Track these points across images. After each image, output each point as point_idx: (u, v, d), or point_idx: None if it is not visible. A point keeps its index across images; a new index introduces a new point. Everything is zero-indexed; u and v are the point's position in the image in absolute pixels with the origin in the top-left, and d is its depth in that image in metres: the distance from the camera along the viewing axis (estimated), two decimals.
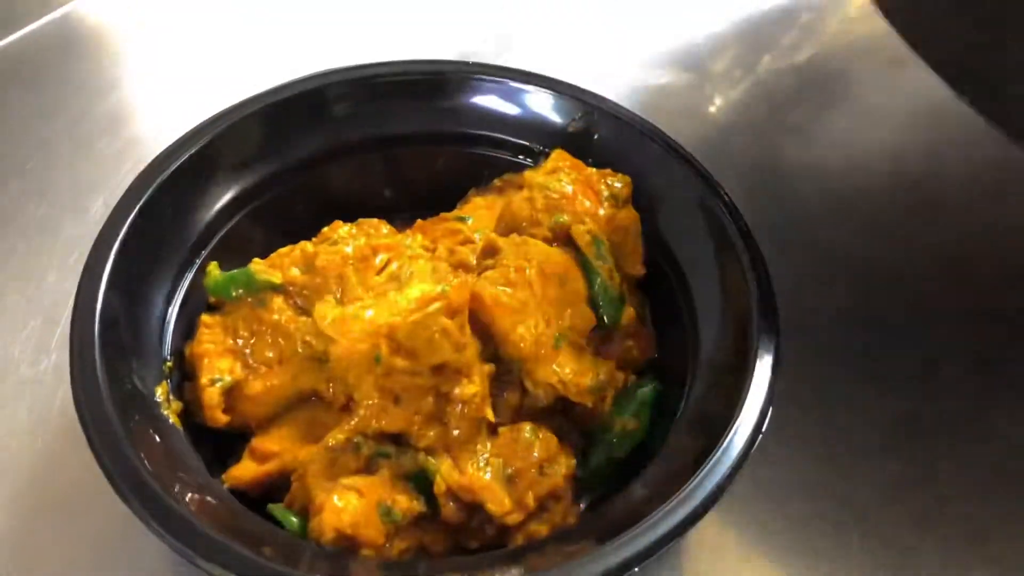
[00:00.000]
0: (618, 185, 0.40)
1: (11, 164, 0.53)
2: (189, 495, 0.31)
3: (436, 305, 0.34)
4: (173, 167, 0.38)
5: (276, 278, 0.37)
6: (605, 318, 0.38)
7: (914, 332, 0.46)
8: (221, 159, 0.40)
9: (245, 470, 0.35)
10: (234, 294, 0.37)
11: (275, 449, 0.35)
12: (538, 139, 0.43)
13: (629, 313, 0.39)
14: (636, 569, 0.28)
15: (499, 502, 0.33)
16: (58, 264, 0.48)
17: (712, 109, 0.59)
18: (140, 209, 0.37)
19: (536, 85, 0.43)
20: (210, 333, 0.37)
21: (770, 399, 0.32)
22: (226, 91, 0.43)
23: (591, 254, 0.38)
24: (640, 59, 0.62)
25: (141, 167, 0.38)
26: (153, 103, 0.58)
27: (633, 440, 0.37)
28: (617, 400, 0.37)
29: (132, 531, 0.37)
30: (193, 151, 0.39)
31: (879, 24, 0.40)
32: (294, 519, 0.32)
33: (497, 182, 0.43)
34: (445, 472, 0.33)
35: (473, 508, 0.34)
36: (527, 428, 0.35)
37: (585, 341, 0.37)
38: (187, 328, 0.38)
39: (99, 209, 0.50)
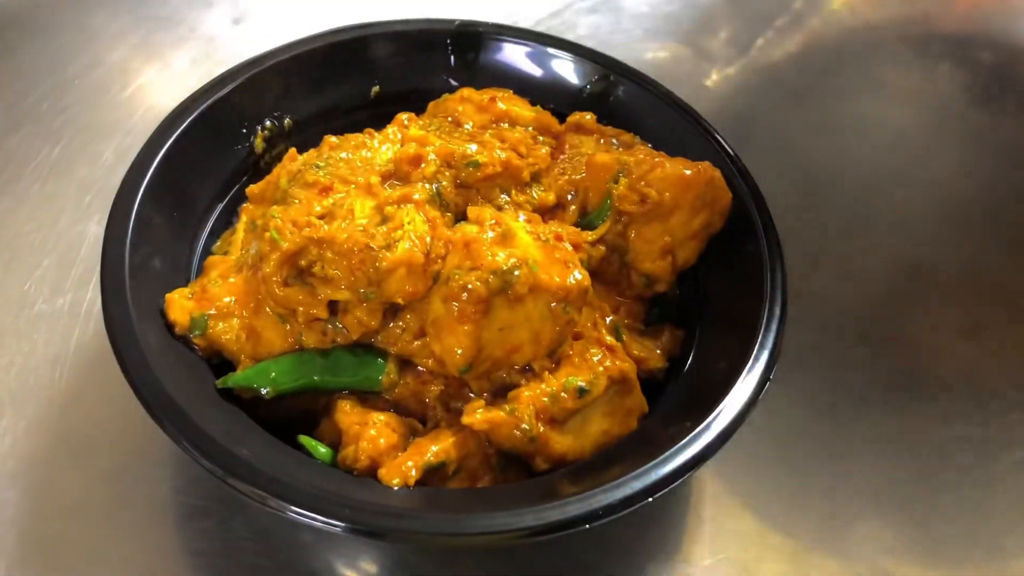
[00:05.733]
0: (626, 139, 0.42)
1: (25, 110, 0.53)
2: (215, 418, 0.31)
3: None
4: (200, 109, 0.39)
5: None
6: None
7: (910, 301, 0.48)
8: (249, 105, 0.41)
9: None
10: None
11: None
12: (556, 100, 0.44)
13: None
14: (651, 499, 0.30)
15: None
16: (72, 206, 0.48)
17: (708, 83, 0.60)
18: (169, 147, 0.37)
19: (556, 47, 0.44)
20: None
21: (776, 355, 0.34)
22: (237, 43, 0.42)
23: None
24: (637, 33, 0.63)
25: (152, 115, 0.39)
26: (162, 53, 0.58)
27: None
28: None
29: (144, 466, 0.38)
30: (219, 95, 0.39)
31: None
32: (323, 449, 0.33)
33: None
34: None
35: None
36: None
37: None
38: None
39: (111, 153, 0.50)
